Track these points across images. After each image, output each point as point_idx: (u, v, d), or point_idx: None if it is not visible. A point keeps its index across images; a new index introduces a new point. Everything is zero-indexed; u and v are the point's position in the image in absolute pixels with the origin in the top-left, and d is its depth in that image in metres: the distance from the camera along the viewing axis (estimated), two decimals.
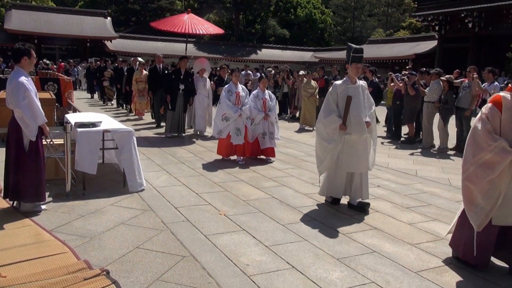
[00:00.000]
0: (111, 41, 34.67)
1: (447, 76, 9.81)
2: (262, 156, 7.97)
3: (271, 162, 7.75)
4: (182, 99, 9.88)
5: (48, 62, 23.06)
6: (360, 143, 5.10)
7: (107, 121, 6.32)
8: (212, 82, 11.00)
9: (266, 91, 8.03)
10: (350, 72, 5.19)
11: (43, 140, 4.91)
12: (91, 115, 7.09)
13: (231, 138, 7.52)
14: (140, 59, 14.59)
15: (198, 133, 10.54)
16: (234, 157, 7.82)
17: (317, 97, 12.75)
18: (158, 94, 11.17)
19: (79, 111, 8.71)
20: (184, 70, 9.86)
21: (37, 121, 4.54)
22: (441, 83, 9.47)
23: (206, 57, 29.81)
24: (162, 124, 11.52)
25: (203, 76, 10.58)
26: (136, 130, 10.37)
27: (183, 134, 10.18)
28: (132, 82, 13.12)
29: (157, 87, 11.08)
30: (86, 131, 5.45)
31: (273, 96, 8.16)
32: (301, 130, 12.30)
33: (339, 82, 5.25)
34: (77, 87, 24.31)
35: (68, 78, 12.72)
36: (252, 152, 7.91)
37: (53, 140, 5.40)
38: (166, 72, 11.11)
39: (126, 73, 14.30)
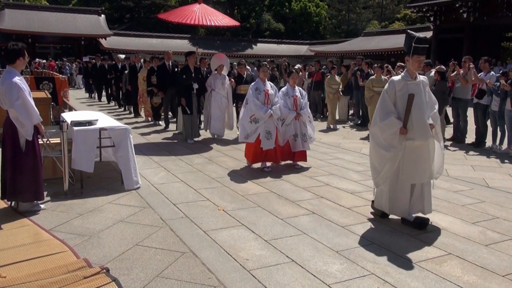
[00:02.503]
0: (105, 39, 34.52)
1: (437, 67, 9.83)
2: (289, 161, 7.13)
3: (299, 168, 6.96)
4: (196, 99, 9.01)
5: (41, 61, 22.84)
6: (423, 149, 4.37)
7: (104, 119, 6.30)
8: (232, 80, 9.78)
9: (297, 87, 7.15)
10: (410, 66, 4.40)
11: (40, 140, 4.90)
12: (87, 113, 7.06)
13: (261, 143, 6.63)
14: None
15: (216, 136, 9.57)
16: (258, 165, 6.91)
17: (341, 94, 11.95)
18: (168, 94, 10.44)
19: (75, 110, 8.68)
20: (193, 66, 8.96)
21: (32, 121, 4.52)
22: (433, 74, 9.49)
23: (201, 53, 29.67)
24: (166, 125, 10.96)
25: (222, 73, 9.50)
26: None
27: (196, 139, 9.21)
28: (132, 80, 12.49)
29: (167, 86, 10.32)
30: (82, 130, 5.43)
31: (304, 92, 7.27)
32: (328, 130, 11.25)
33: (397, 78, 4.46)
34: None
35: (64, 76, 12.61)
36: (284, 157, 7.02)
37: (50, 139, 5.38)
38: (176, 69, 10.45)
39: (126, 72, 13.38)
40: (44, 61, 24.70)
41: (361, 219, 4.72)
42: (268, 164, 6.87)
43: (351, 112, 13.70)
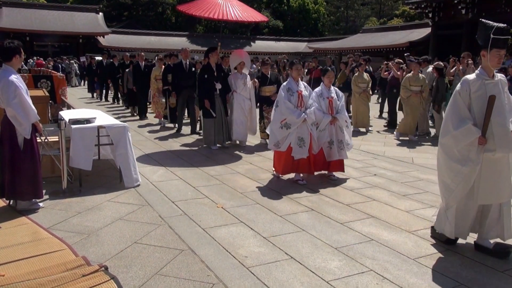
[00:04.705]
0: (103, 37, 34.47)
1: (435, 63, 9.83)
2: (325, 172, 6.34)
3: (335, 180, 6.16)
4: (220, 100, 8.13)
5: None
6: (502, 162, 3.68)
7: (102, 117, 6.29)
8: (256, 80, 8.63)
9: (332, 87, 6.34)
10: (486, 62, 3.67)
11: (38, 138, 4.89)
12: (85, 111, 7.05)
13: (293, 151, 5.85)
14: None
15: (238, 142, 8.61)
16: (292, 175, 6.17)
17: (370, 92, 10.83)
18: (183, 95, 9.62)
19: (73, 108, 8.66)
20: (215, 65, 8.12)
21: (30, 119, 4.51)
22: (431, 71, 9.50)
23: (200, 51, 29.57)
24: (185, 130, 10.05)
25: (242, 72, 8.52)
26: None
27: (228, 143, 8.41)
28: (137, 80, 11.90)
29: (182, 86, 9.50)
30: (80, 128, 5.43)
31: (340, 93, 6.40)
32: (355, 133, 9.53)
33: (471, 77, 3.74)
34: None
35: (62, 75, 12.55)
36: (318, 167, 6.21)
37: (48, 137, 5.38)
38: (193, 69, 9.69)
39: (130, 70, 12.57)
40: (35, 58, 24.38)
41: (360, 216, 4.72)
42: (302, 175, 6.10)
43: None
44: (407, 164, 7.26)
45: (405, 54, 14.53)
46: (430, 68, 9.61)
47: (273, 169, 6.35)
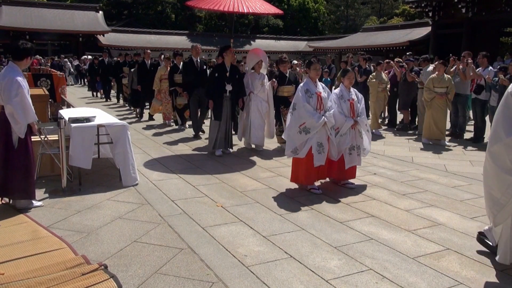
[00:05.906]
0: (103, 36, 34.48)
1: (435, 63, 9.81)
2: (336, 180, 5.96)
3: (354, 187, 5.79)
4: (229, 103, 7.58)
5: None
6: None
7: (102, 115, 6.29)
8: (274, 80, 8.07)
9: (352, 89, 5.88)
10: None
11: (37, 137, 4.88)
12: (85, 110, 7.05)
13: (314, 158, 5.43)
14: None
15: (254, 146, 8.11)
16: (318, 183, 5.80)
17: (388, 93, 10.41)
18: (195, 95, 9.08)
19: (73, 107, 8.66)
20: (229, 64, 7.60)
21: (28, 119, 4.50)
22: (430, 69, 9.48)
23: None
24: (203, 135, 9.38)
25: (260, 72, 8.00)
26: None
27: (231, 150, 7.85)
28: (142, 80, 11.52)
29: (193, 86, 9.00)
30: (80, 126, 5.42)
31: (360, 95, 5.94)
32: (375, 137, 9.07)
33: None
34: None
35: (61, 73, 12.53)
36: (339, 174, 5.81)
37: (48, 136, 5.37)
38: (205, 67, 9.20)
39: (136, 69, 12.11)
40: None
41: (359, 215, 4.72)
42: (317, 183, 5.77)
43: None
44: (407, 163, 7.26)
45: (407, 53, 14.52)
46: (431, 67, 9.59)
47: (293, 180, 5.74)
